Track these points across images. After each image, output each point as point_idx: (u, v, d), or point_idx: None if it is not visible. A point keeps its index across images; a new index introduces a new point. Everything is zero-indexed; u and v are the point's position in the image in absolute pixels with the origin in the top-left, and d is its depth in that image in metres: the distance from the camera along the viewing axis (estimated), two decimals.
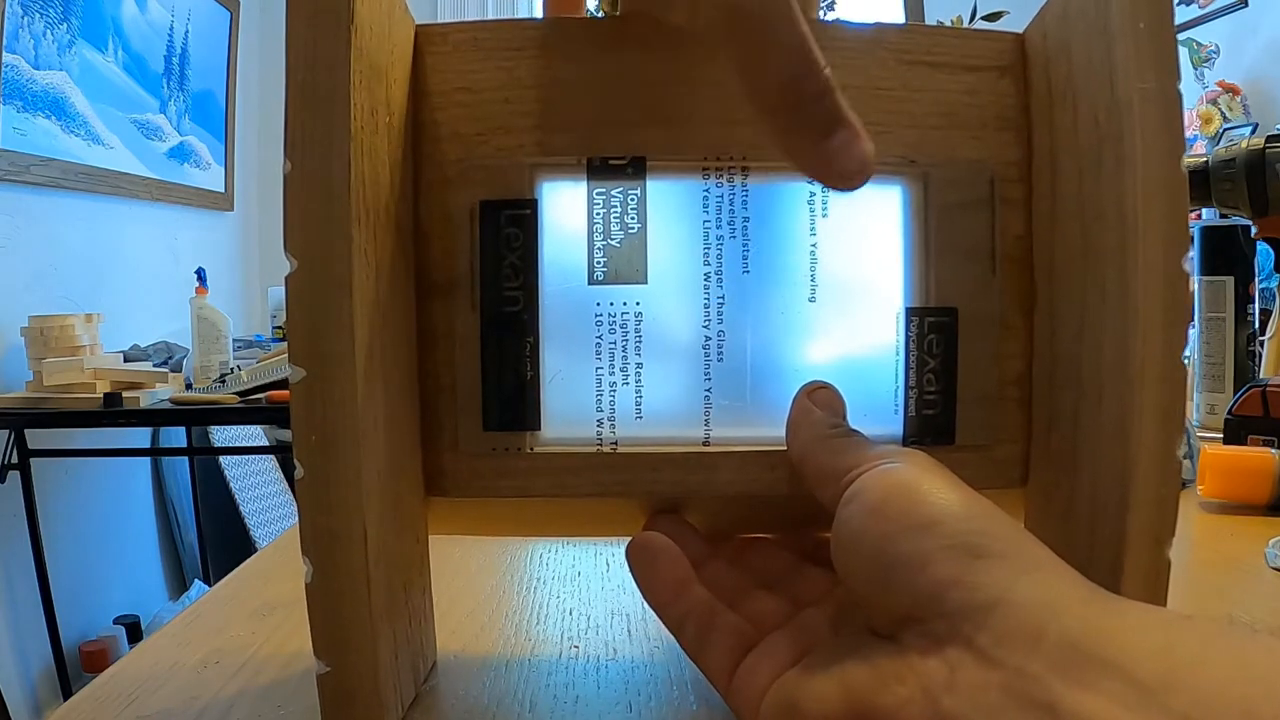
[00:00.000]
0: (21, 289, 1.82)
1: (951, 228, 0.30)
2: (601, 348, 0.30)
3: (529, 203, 0.29)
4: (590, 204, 0.29)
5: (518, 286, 0.29)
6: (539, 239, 0.29)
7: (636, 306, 0.29)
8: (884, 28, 0.30)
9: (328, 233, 0.24)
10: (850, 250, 0.30)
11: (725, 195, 0.29)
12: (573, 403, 0.30)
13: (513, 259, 0.29)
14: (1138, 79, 0.25)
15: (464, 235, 0.29)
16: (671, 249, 0.29)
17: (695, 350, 0.30)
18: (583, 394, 0.30)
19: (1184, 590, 0.42)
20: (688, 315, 0.30)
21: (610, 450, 0.30)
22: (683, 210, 0.30)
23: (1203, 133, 2.47)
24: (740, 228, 0.30)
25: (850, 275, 0.30)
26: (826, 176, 0.25)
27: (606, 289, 0.29)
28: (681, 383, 0.30)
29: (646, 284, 0.29)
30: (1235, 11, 2.49)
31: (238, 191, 2.72)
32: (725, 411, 0.30)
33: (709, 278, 0.30)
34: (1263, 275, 0.87)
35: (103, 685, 0.33)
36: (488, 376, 0.29)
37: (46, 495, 1.75)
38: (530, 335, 0.29)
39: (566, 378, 0.30)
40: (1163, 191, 0.25)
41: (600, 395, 0.30)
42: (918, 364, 0.30)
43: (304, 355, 0.24)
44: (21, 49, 1.81)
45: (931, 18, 2.69)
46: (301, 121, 0.24)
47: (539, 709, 0.30)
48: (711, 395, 0.30)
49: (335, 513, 0.24)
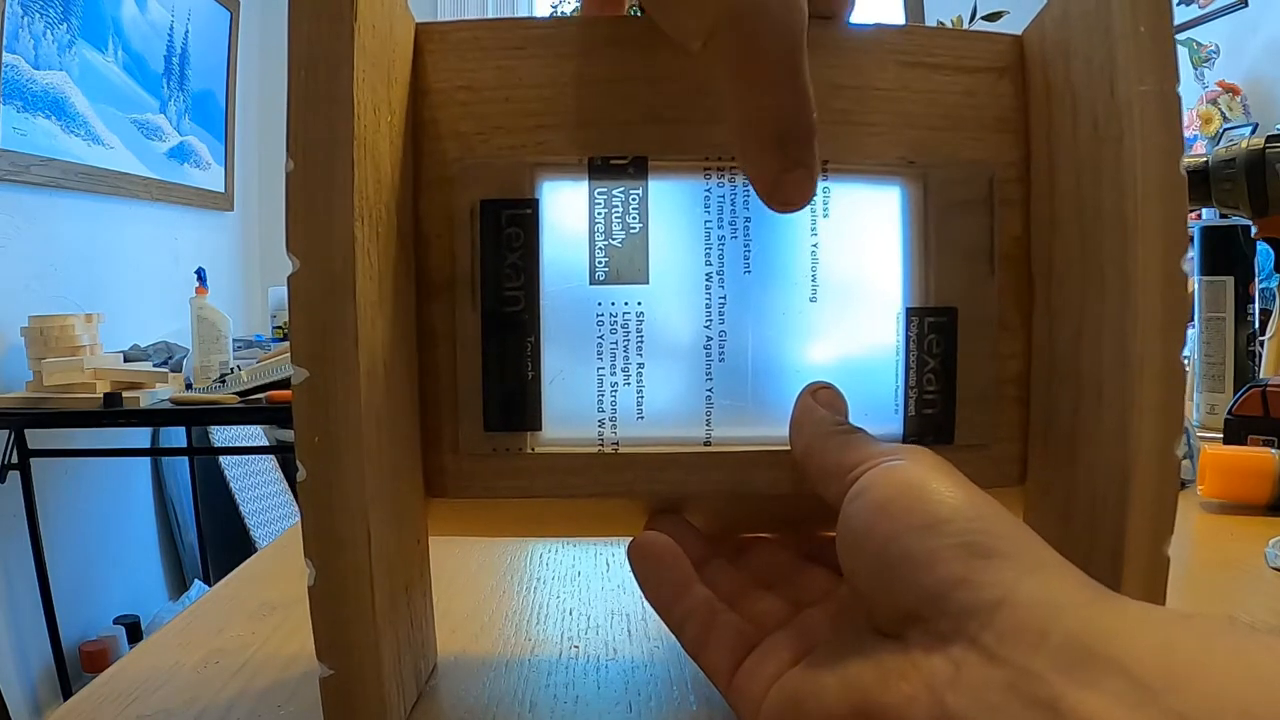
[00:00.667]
0: (21, 289, 1.82)
1: (950, 228, 0.30)
2: (603, 348, 0.29)
3: (529, 202, 0.29)
4: (591, 204, 0.29)
5: (518, 286, 0.29)
6: (539, 239, 0.29)
7: (638, 306, 0.29)
8: (884, 28, 0.30)
9: (331, 232, 0.24)
10: (851, 251, 0.30)
11: (726, 195, 0.29)
12: (574, 403, 0.30)
13: (513, 259, 0.29)
14: (1137, 81, 0.25)
15: (464, 234, 0.29)
16: (673, 249, 0.29)
17: (697, 350, 0.30)
18: (584, 394, 0.30)
19: (1184, 590, 0.42)
20: (689, 315, 0.30)
21: (611, 451, 0.30)
22: (684, 210, 0.30)
23: (1203, 133, 2.47)
24: (741, 227, 0.30)
25: (851, 275, 0.30)
26: (769, 197, 0.26)
27: (608, 289, 0.29)
28: (683, 383, 0.30)
29: (648, 284, 0.29)
30: (1235, 11, 2.49)
31: (238, 191, 2.72)
32: (727, 411, 0.30)
33: (710, 278, 0.30)
34: (1263, 275, 0.87)
35: (103, 685, 0.33)
36: (489, 376, 0.29)
37: (46, 495, 1.75)
38: (531, 335, 0.29)
39: (567, 378, 0.30)
40: (1162, 193, 0.25)
41: (601, 396, 0.30)
42: (917, 364, 0.30)
43: (307, 356, 0.24)
44: (21, 49, 1.81)
45: (931, 18, 2.69)
46: (304, 120, 0.24)
47: (539, 709, 0.30)
48: (713, 395, 0.30)
49: (338, 514, 0.24)
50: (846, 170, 0.30)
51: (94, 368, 1.66)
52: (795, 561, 0.29)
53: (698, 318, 0.30)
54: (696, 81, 0.29)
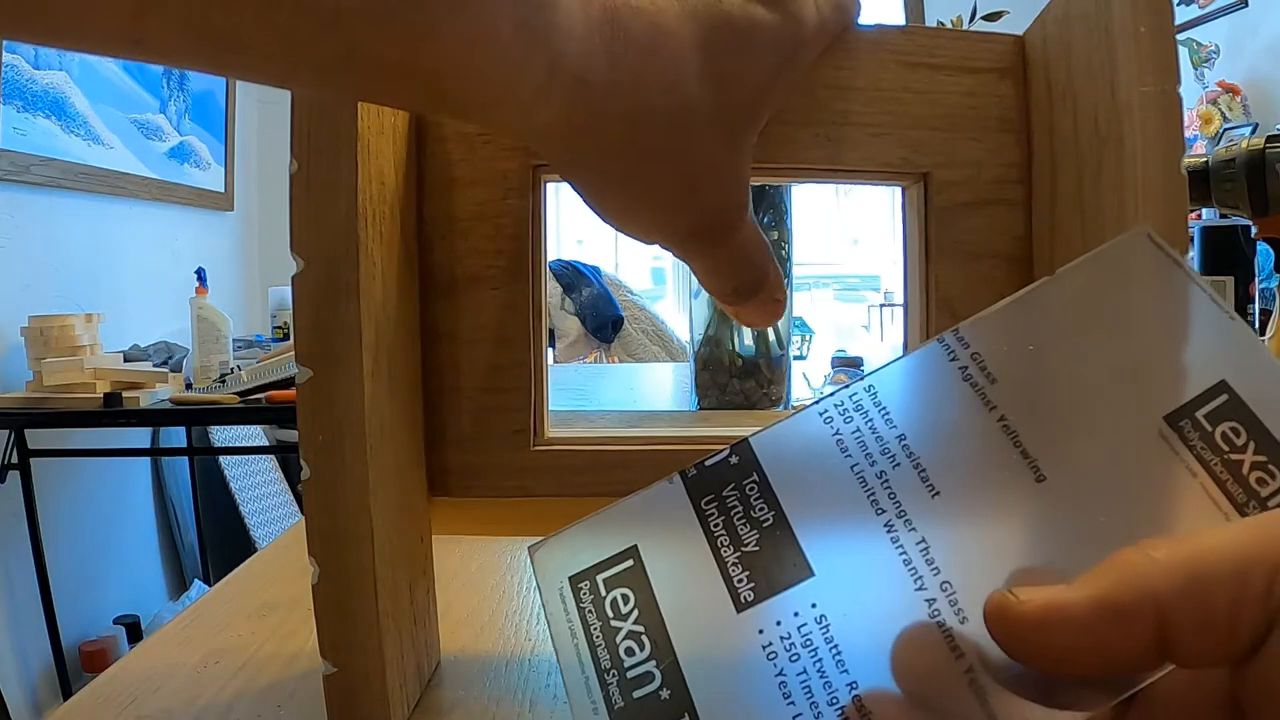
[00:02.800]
0: (21, 289, 1.82)
1: (952, 228, 0.30)
2: (789, 687, 0.20)
3: (628, 553, 0.22)
4: (705, 521, 0.22)
5: (645, 659, 0.21)
6: (651, 594, 0.22)
7: (813, 610, 0.20)
8: (886, 29, 0.30)
9: (335, 233, 0.24)
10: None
11: (860, 424, 0.22)
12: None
13: (629, 628, 0.21)
14: (1138, 82, 0.25)
15: (467, 239, 0.29)
16: (828, 514, 0.21)
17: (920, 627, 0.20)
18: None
19: None
20: (887, 587, 0.20)
21: (614, 450, 0.30)
22: (814, 461, 0.22)
23: (1203, 133, 2.47)
24: (898, 447, 0.21)
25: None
26: (735, 317, 0.29)
27: (763, 607, 0.21)
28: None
29: (814, 574, 0.21)
30: (1235, 11, 2.49)
31: (238, 191, 2.72)
32: (996, 685, 0.19)
33: (891, 525, 0.21)
34: (1263, 275, 0.87)
35: (103, 685, 0.33)
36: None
37: (46, 495, 1.75)
38: (686, 711, 0.20)
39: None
40: (1162, 193, 0.25)
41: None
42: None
43: (311, 355, 0.24)
44: (21, 49, 1.81)
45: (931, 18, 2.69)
46: (309, 122, 0.24)
47: (539, 709, 0.30)
48: (974, 675, 0.19)
49: (342, 513, 0.24)
50: (849, 171, 0.30)
51: (94, 368, 1.66)
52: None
53: (901, 583, 0.20)
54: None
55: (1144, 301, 0.21)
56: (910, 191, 0.31)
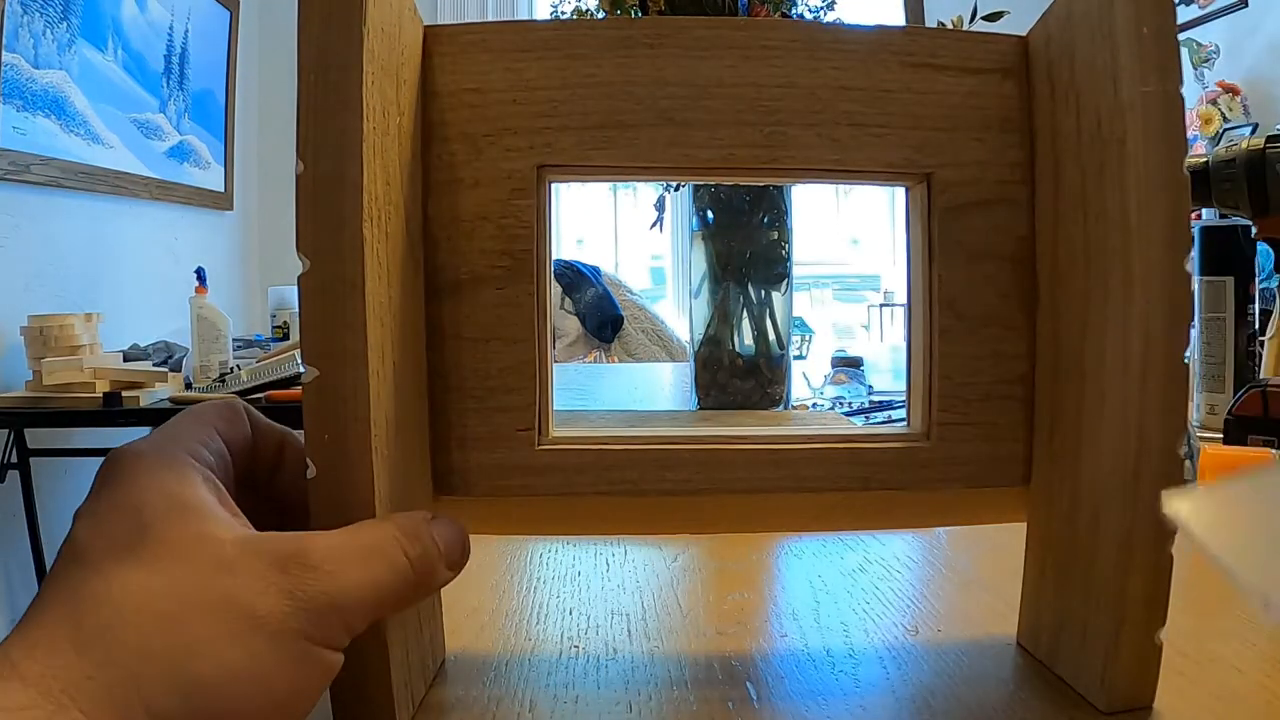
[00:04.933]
0: (21, 289, 1.82)
1: (955, 228, 0.30)
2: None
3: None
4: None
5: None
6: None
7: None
8: (888, 30, 0.30)
9: (340, 233, 0.24)
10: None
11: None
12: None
13: None
14: (1140, 82, 0.25)
15: (473, 239, 0.29)
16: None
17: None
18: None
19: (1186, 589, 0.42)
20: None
21: (618, 449, 0.30)
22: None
23: (1203, 133, 2.47)
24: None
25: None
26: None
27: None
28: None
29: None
30: (1235, 11, 2.49)
31: (237, 191, 2.72)
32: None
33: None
34: (1263, 275, 0.87)
35: None
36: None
37: (46, 495, 1.75)
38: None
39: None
40: (1164, 193, 0.25)
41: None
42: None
43: (316, 354, 0.24)
44: (21, 48, 1.81)
45: (931, 18, 2.69)
46: (314, 122, 0.24)
47: (539, 709, 0.30)
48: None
49: (347, 511, 0.24)
50: (852, 172, 0.30)
51: (94, 367, 1.66)
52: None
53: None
54: (704, 84, 0.29)
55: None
56: (913, 192, 0.31)
